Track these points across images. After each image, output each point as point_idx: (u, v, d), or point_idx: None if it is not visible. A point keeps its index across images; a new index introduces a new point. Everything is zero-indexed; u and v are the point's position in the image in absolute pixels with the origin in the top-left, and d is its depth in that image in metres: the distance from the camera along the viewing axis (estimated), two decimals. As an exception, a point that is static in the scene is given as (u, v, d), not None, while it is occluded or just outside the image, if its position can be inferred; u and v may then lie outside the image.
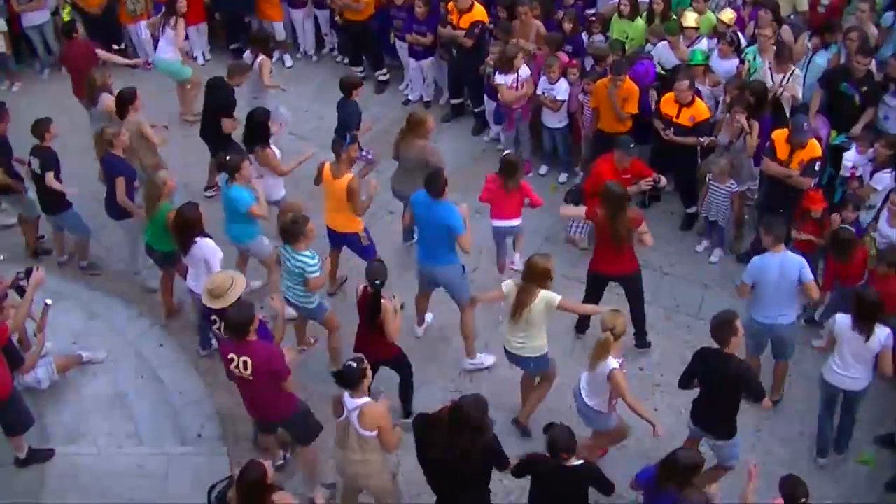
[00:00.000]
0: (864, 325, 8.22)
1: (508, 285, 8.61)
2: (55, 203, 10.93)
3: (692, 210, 11.65)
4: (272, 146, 10.88)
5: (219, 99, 11.69)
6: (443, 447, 7.01)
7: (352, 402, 7.37)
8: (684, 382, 8.18)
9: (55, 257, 11.58)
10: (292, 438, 8.63)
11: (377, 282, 8.51)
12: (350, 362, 7.39)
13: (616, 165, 10.30)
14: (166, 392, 9.77)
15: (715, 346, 7.86)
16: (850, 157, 10.49)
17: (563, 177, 12.65)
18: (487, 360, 9.98)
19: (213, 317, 8.47)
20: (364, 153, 10.93)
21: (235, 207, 9.94)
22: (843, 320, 8.37)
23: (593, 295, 9.75)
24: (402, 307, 8.83)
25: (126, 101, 11.07)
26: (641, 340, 10.07)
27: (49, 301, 9.17)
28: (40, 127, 10.67)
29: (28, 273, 9.19)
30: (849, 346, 8.36)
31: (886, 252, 9.11)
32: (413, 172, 10.36)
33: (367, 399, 7.40)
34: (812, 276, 8.79)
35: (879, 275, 9.01)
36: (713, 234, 11.27)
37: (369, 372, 7.45)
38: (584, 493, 7.33)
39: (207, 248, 9.29)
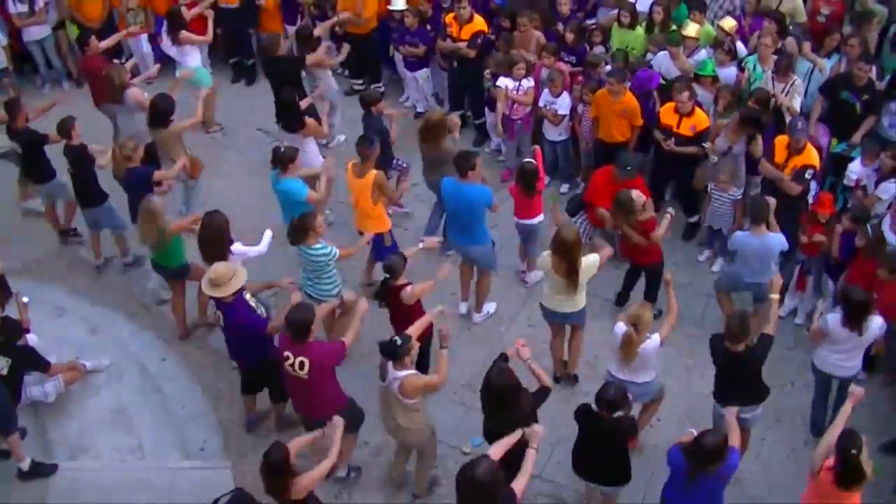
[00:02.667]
0: (854, 324, 8.38)
1: (544, 257, 9.04)
2: (91, 196, 11.05)
3: (694, 219, 11.66)
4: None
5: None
6: None
7: (394, 373, 7.85)
8: None
9: (91, 261, 11.67)
10: None
11: (387, 276, 8.91)
12: (396, 338, 7.87)
13: (612, 180, 10.40)
14: (169, 406, 9.76)
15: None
16: (856, 168, 10.47)
17: (564, 188, 12.65)
18: (491, 307, 10.74)
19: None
20: (398, 162, 11.56)
21: (292, 199, 10.07)
22: (833, 320, 8.47)
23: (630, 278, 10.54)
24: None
25: (168, 112, 11.20)
26: None
27: (26, 299, 9.35)
28: (65, 126, 10.81)
29: None
30: (843, 340, 8.52)
31: (889, 257, 9.07)
32: (442, 165, 10.77)
33: (408, 372, 7.85)
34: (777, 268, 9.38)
35: (881, 280, 8.98)
36: (715, 243, 11.26)
37: (415, 351, 7.92)
38: (626, 441, 7.84)
39: (241, 252, 9.44)
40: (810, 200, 10.48)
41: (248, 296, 8.70)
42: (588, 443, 7.86)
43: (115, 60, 14.51)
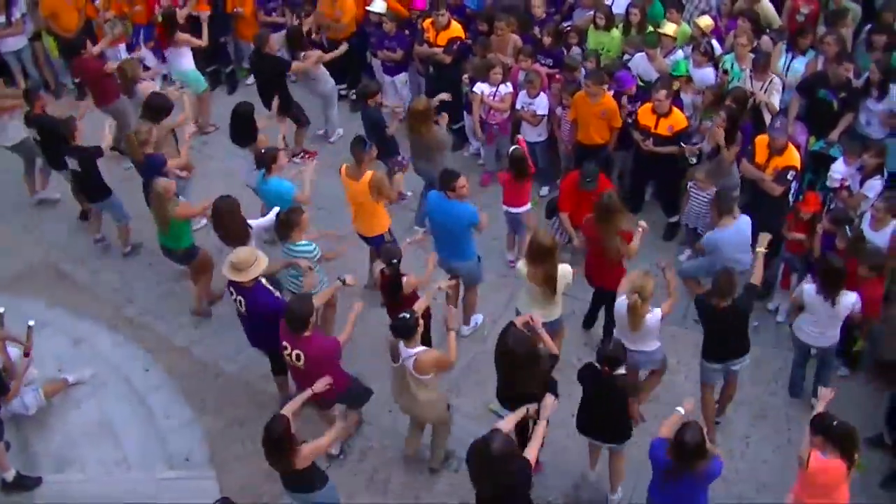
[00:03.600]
0: (829, 292, 8.70)
1: (521, 268, 9.09)
2: (98, 192, 11.48)
3: (674, 219, 11.70)
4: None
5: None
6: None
7: (407, 351, 8.06)
8: None
9: (52, 279, 11.73)
10: (347, 406, 9.11)
11: (394, 261, 8.99)
12: (403, 314, 8.02)
13: (577, 187, 10.46)
14: (154, 417, 9.73)
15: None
16: (839, 168, 10.49)
17: (544, 190, 12.65)
18: (478, 319, 10.68)
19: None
20: (400, 158, 11.64)
21: (280, 200, 10.02)
22: (809, 289, 8.86)
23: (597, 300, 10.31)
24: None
25: (164, 110, 11.39)
26: None
27: (31, 322, 9.10)
28: (67, 128, 10.99)
29: None
30: (818, 311, 8.85)
31: (868, 255, 9.15)
32: (430, 151, 11.08)
33: (420, 348, 8.08)
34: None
35: (861, 278, 9.05)
36: (695, 243, 11.28)
37: (422, 322, 8.16)
38: (626, 400, 8.12)
39: (260, 226, 9.69)
40: (791, 199, 10.53)
41: (264, 281, 8.81)
42: (591, 401, 8.14)
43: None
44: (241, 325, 9.24)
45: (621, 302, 8.60)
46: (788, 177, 10.23)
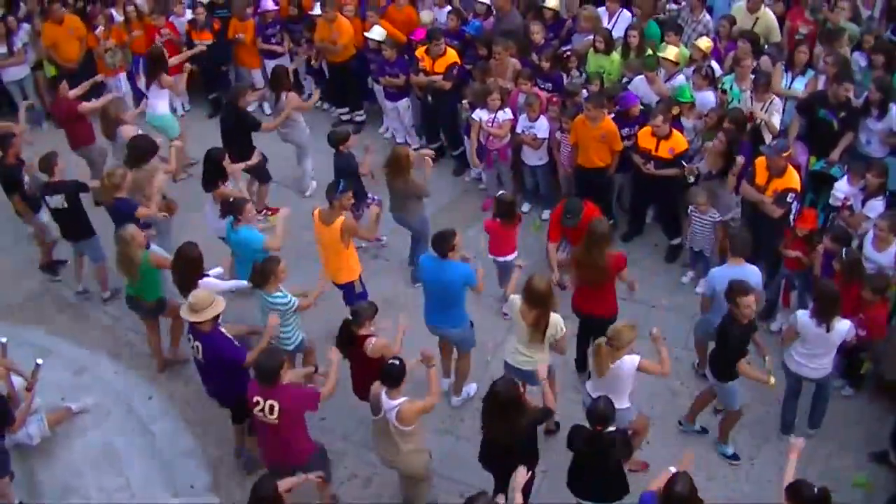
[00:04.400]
0: (823, 318, 8.56)
1: (514, 301, 8.81)
2: (81, 230, 11.16)
3: (676, 242, 11.70)
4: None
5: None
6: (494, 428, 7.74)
7: (390, 402, 7.84)
8: None
9: (72, 287, 11.76)
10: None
11: (358, 319, 8.62)
12: (392, 360, 7.85)
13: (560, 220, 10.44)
14: (157, 444, 9.71)
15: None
16: (842, 187, 10.49)
17: (546, 214, 12.57)
18: (471, 389, 10.07)
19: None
20: (372, 198, 11.51)
21: (250, 247, 9.96)
22: (803, 315, 8.72)
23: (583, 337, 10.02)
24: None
25: (148, 152, 11.19)
26: None
27: (40, 361, 9.14)
28: (47, 163, 10.86)
29: None
30: (812, 339, 8.71)
31: (873, 278, 9.16)
32: (406, 200, 10.87)
33: (403, 399, 7.86)
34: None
35: (866, 301, 9.05)
36: (698, 265, 11.30)
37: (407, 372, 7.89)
38: (618, 461, 7.72)
39: (214, 286, 9.30)
40: (792, 219, 10.53)
41: (224, 329, 8.69)
42: (583, 461, 7.86)
43: (94, 100, 14.62)
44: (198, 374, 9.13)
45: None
46: (788, 199, 10.22)
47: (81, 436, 9.70)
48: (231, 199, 10.34)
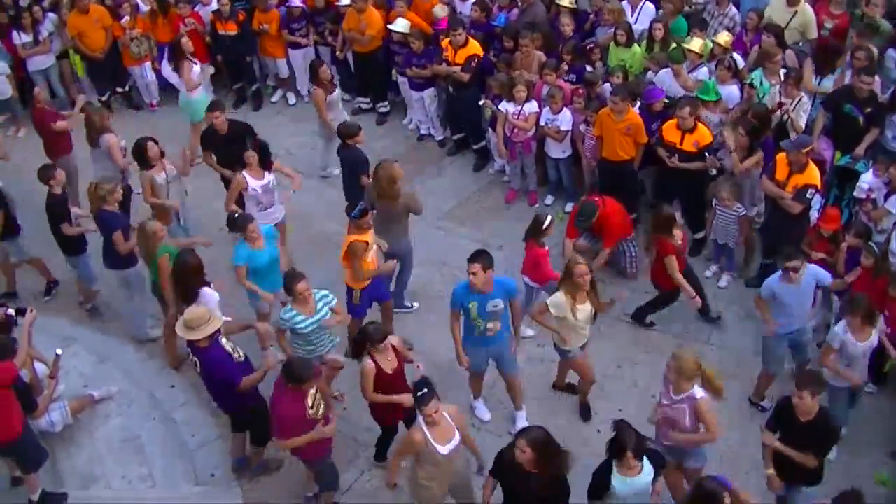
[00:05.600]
0: (867, 321, 8.41)
1: (558, 297, 8.74)
2: (70, 247, 10.93)
3: (699, 235, 11.64)
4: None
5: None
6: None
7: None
8: None
9: (75, 298, 11.59)
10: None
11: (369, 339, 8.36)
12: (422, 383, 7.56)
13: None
14: (179, 433, 9.76)
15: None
16: (867, 179, 10.46)
17: (569, 206, 12.52)
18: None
19: None
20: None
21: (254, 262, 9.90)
22: (840, 329, 8.48)
23: None
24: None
25: (150, 157, 11.08)
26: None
27: (59, 351, 9.15)
28: (44, 174, 10.73)
29: (20, 312, 9.16)
30: (851, 354, 8.52)
31: (896, 275, 9.09)
32: (391, 223, 10.39)
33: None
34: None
35: (891, 298, 8.97)
36: (722, 259, 11.26)
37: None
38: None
39: (211, 297, 9.28)
40: (813, 215, 10.47)
41: (224, 340, 8.53)
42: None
43: (119, 89, 14.70)
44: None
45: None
46: (808, 195, 10.16)
47: (104, 424, 9.76)
48: (235, 215, 10.20)
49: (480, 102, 12.77)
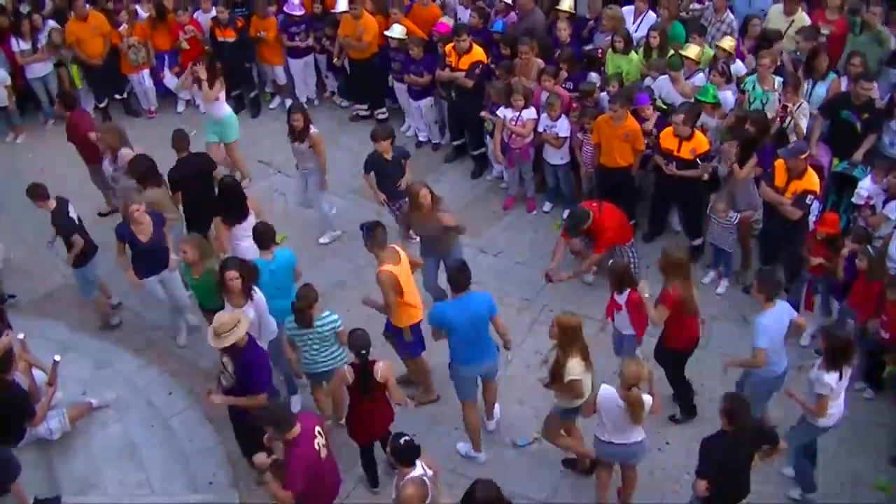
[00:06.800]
0: (836, 366, 8.04)
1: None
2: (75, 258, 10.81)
3: (697, 242, 11.65)
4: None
5: None
6: None
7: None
8: None
9: (73, 304, 11.57)
10: None
11: (363, 351, 8.28)
12: (406, 439, 7.28)
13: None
14: (177, 440, 9.75)
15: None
16: (866, 185, 10.45)
17: (566, 213, 12.53)
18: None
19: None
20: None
21: (290, 269, 9.82)
22: (827, 376, 8.02)
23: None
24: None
25: (148, 175, 11.04)
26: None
27: (58, 357, 9.14)
28: (37, 192, 10.70)
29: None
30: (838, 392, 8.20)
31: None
32: (437, 238, 10.29)
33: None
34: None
35: (889, 302, 8.97)
36: (720, 264, 11.28)
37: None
38: None
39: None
40: (811, 221, 10.48)
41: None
42: None
43: (117, 96, 14.70)
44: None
45: (608, 396, 7.91)
46: (807, 201, 10.18)
47: (101, 430, 9.74)
48: (260, 225, 9.92)
49: (482, 114, 12.75)
